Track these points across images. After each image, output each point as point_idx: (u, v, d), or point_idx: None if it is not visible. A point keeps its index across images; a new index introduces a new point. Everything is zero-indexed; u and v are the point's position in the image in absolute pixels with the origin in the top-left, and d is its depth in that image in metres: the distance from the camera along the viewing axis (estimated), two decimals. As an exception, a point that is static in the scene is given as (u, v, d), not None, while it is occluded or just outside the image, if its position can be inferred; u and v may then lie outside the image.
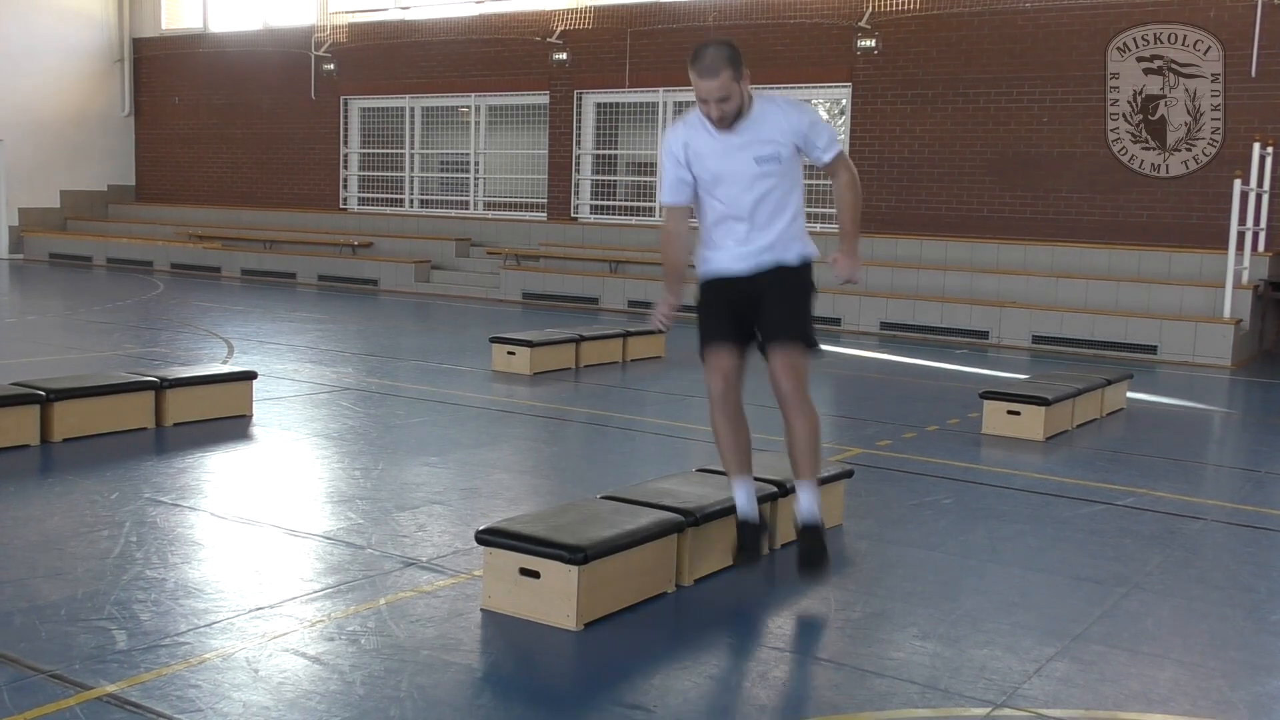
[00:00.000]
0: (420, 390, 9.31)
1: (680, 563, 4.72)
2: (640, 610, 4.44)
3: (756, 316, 4.63)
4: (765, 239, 4.57)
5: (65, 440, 6.95)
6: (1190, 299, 13.61)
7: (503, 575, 4.31)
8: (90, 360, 10.12)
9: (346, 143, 21.56)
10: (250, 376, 8.13)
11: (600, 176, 19.13)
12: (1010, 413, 8.13)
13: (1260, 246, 13.94)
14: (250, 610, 4.27)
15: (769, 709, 3.68)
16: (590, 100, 18.97)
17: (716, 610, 4.51)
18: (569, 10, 18.74)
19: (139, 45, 24.06)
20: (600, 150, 19.07)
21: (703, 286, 4.72)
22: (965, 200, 15.79)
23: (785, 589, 4.71)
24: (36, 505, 5.66)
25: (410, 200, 21.11)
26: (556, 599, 4.20)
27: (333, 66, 21.15)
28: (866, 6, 16.18)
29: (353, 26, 21.10)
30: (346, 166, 21.65)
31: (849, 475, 5.67)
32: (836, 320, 14.88)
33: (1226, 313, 13.07)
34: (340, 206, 21.66)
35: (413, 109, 20.85)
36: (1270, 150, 13.58)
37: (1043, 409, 8.01)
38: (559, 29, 18.74)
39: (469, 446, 7.34)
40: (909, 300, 14.67)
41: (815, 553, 4.58)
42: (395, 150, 21.13)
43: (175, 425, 7.51)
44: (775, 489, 5.10)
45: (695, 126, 4.57)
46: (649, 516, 4.57)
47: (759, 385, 4.91)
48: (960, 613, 4.55)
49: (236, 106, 22.75)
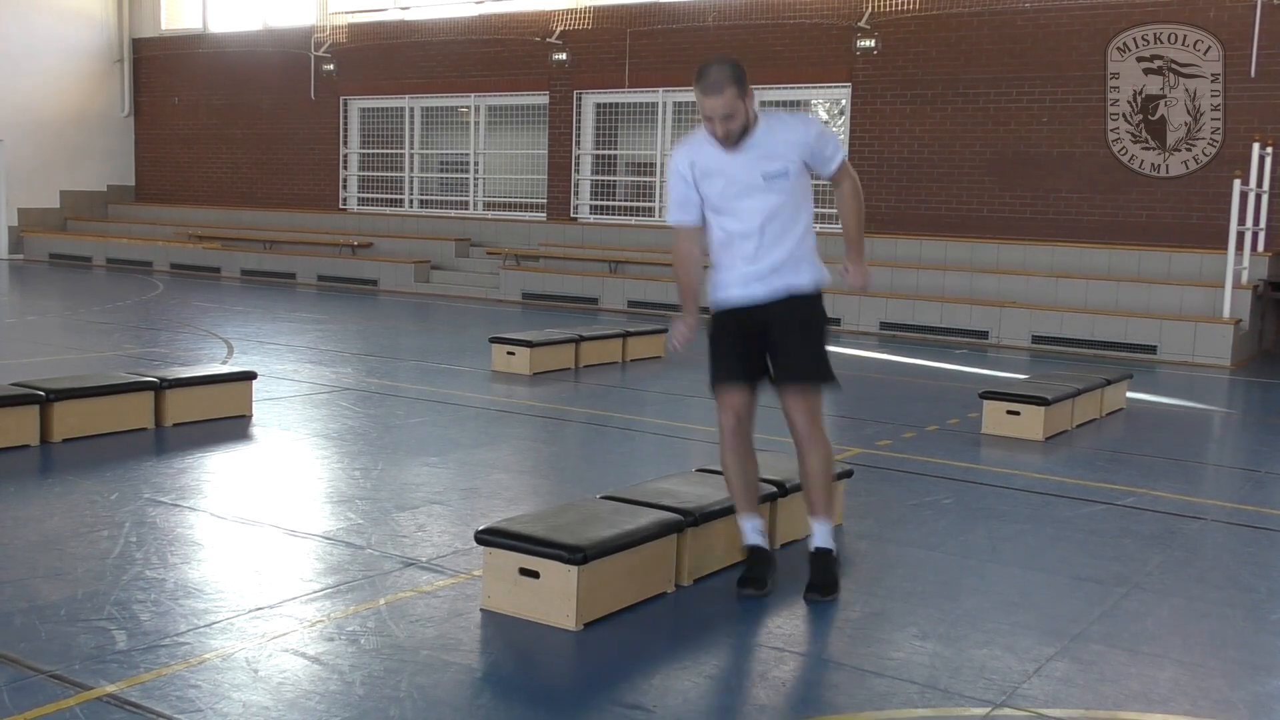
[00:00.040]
0: (420, 390, 9.31)
1: (680, 563, 4.72)
2: (640, 610, 4.44)
3: (769, 349, 4.59)
4: (775, 257, 4.51)
5: (65, 440, 6.95)
6: (1190, 299, 13.62)
7: (502, 575, 4.31)
8: (90, 360, 10.12)
9: (346, 143, 21.57)
10: (250, 377, 8.14)
11: (600, 177, 19.14)
12: (1010, 413, 8.14)
13: (1260, 246, 13.95)
14: (250, 610, 4.27)
15: (769, 709, 3.68)
16: (590, 100, 18.98)
17: (716, 610, 4.51)
18: (569, 10, 18.74)
19: (139, 45, 24.07)
20: (600, 150, 19.07)
21: (714, 317, 4.65)
22: (965, 200, 15.79)
23: (785, 589, 4.71)
24: (36, 505, 5.66)
25: (410, 200, 21.12)
26: (556, 599, 4.20)
27: (332, 67, 21.16)
28: (866, 6, 16.19)
29: (352, 27, 21.11)
30: (346, 167, 21.66)
31: (849, 475, 5.67)
32: (836, 320, 14.86)
33: (1226, 313, 13.08)
34: (340, 207, 21.67)
35: (412, 109, 20.86)
36: (1270, 150, 13.58)
37: (1042, 409, 8.01)
38: (559, 29, 18.74)
39: (469, 446, 7.34)
40: (909, 300, 14.68)
41: (827, 583, 4.63)
42: (395, 150, 21.14)
43: (175, 425, 7.51)
44: (775, 489, 5.10)
45: (701, 145, 4.53)
46: (648, 516, 4.57)
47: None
48: (960, 612, 4.55)
49: (236, 107, 22.76)
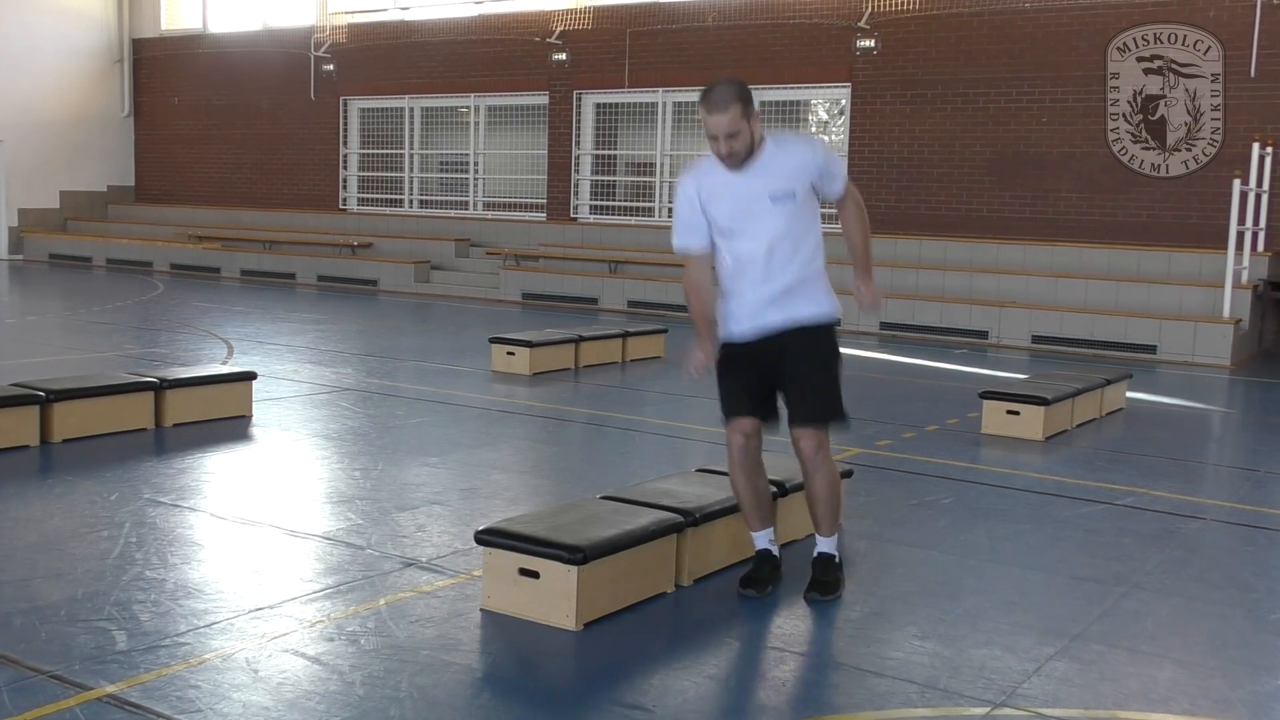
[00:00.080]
0: (420, 391, 9.31)
1: (680, 563, 4.72)
2: (640, 610, 4.44)
3: (781, 383, 4.56)
4: (784, 280, 4.49)
5: (65, 441, 6.96)
6: (1190, 299, 13.62)
7: (502, 575, 4.32)
8: (90, 361, 10.12)
9: (346, 143, 21.57)
10: (250, 377, 8.14)
11: (599, 177, 19.14)
12: (1010, 412, 8.14)
13: (1260, 246, 13.94)
14: (250, 611, 4.27)
15: (768, 709, 3.69)
16: (589, 100, 18.98)
17: (716, 610, 4.52)
18: (568, 11, 18.74)
19: (139, 46, 24.07)
20: (599, 150, 19.07)
21: (724, 349, 4.60)
22: (965, 200, 15.79)
23: (785, 589, 4.71)
24: (36, 506, 5.66)
25: (410, 201, 21.12)
26: (556, 599, 4.20)
27: (332, 67, 21.16)
28: (866, 7, 16.19)
29: (352, 27, 21.11)
30: (346, 167, 21.66)
31: (848, 475, 5.67)
32: (836, 320, 14.83)
33: (1226, 312, 13.08)
34: (340, 207, 21.66)
35: (412, 109, 20.86)
36: (1270, 150, 13.58)
37: (1042, 409, 8.01)
38: (558, 29, 18.74)
39: (468, 447, 7.34)
40: (908, 300, 14.67)
41: (827, 584, 4.64)
42: (395, 151, 21.13)
43: (175, 426, 7.52)
44: (775, 489, 5.10)
45: (708, 169, 4.51)
46: (648, 517, 4.57)
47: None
48: (959, 612, 4.55)
49: (236, 107, 22.76)
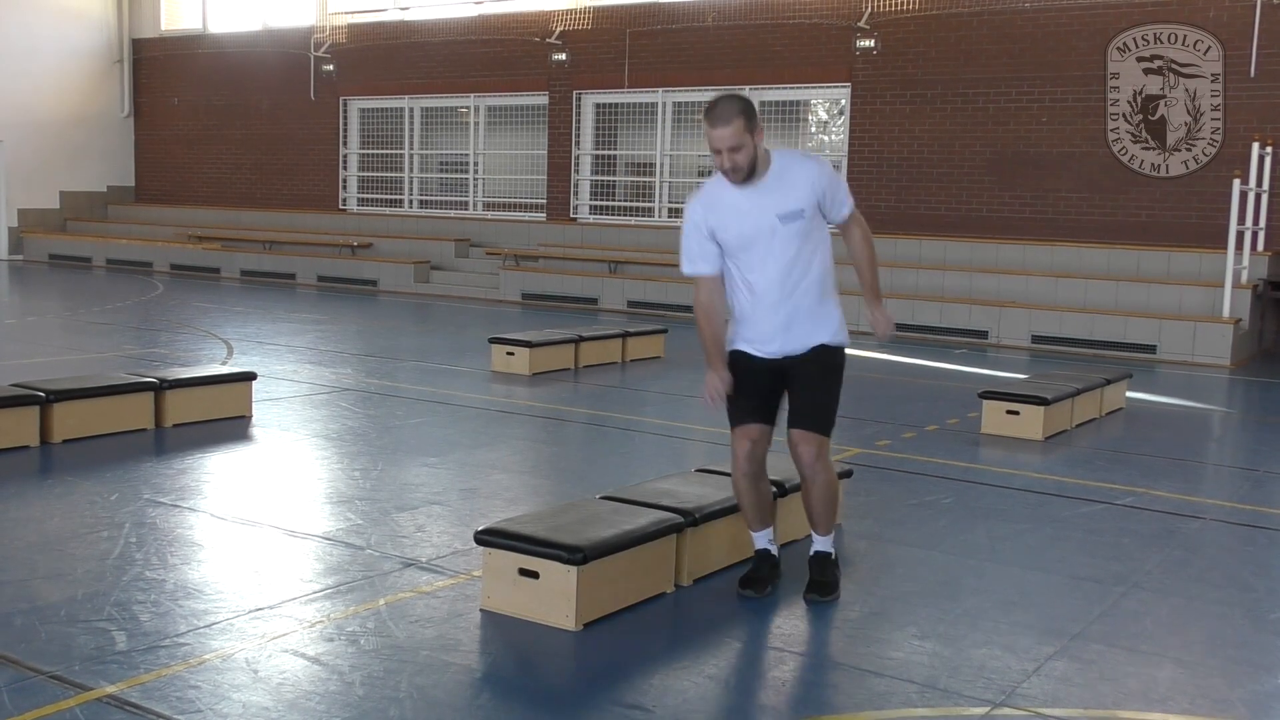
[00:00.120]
0: (419, 391, 9.32)
1: (679, 563, 4.72)
2: (639, 610, 4.44)
3: (786, 391, 4.58)
4: (795, 303, 4.47)
5: (65, 441, 6.96)
6: (1189, 298, 13.62)
7: (502, 576, 4.32)
8: (90, 361, 10.12)
9: (346, 143, 21.57)
10: (249, 377, 8.14)
11: (599, 177, 19.14)
12: (1009, 412, 8.14)
13: (1259, 246, 13.95)
14: (250, 611, 4.27)
15: (768, 709, 3.69)
16: (589, 101, 18.98)
17: (715, 610, 4.52)
18: (568, 11, 18.74)
19: (138, 46, 24.07)
20: (599, 151, 19.07)
21: (732, 355, 4.59)
22: (965, 200, 15.79)
23: (785, 590, 4.71)
24: (36, 506, 5.67)
25: (409, 201, 21.12)
26: (556, 599, 4.20)
27: (332, 67, 21.16)
28: (866, 7, 16.19)
29: (352, 27, 21.11)
30: (346, 167, 21.66)
31: (848, 475, 5.68)
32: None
33: (1226, 312, 13.08)
34: (339, 207, 21.66)
35: (412, 109, 20.86)
36: (1270, 150, 13.58)
37: (1042, 409, 8.01)
38: (558, 29, 18.75)
39: (468, 447, 7.34)
40: (908, 300, 14.66)
41: (826, 584, 4.65)
42: (394, 151, 21.13)
43: (175, 426, 7.52)
44: (775, 489, 5.09)
45: (715, 190, 4.49)
46: (648, 517, 4.58)
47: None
48: (959, 612, 4.55)
49: (236, 107, 22.75)
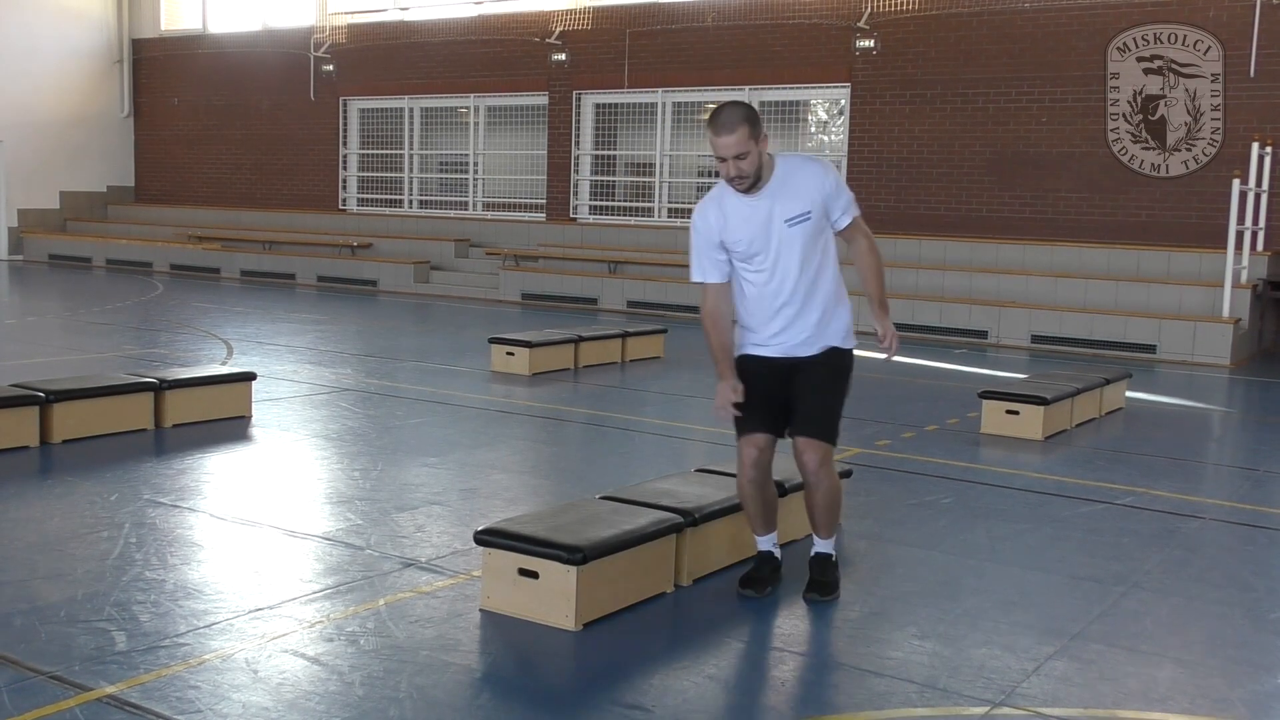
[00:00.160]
0: (419, 391, 9.32)
1: (679, 563, 4.72)
2: (639, 610, 4.44)
3: (791, 397, 4.56)
4: (803, 310, 4.46)
5: (65, 442, 6.96)
6: (1189, 298, 13.62)
7: (502, 576, 4.32)
8: (90, 361, 10.12)
9: (346, 143, 21.57)
10: (249, 378, 8.14)
11: (599, 177, 19.14)
12: (1009, 412, 8.14)
13: (1259, 246, 13.95)
14: (249, 611, 4.27)
15: (768, 709, 3.69)
16: (589, 101, 18.98)
17: (715, 610, 4.52)
18: (568, 11, 18.75)
19: (138, 46, 24.07)
20: (599, 151, 19.07)
21: (740, 359, 4.58)
22: (964, 200, 15.79)
23: (785, 589, 4.71)
24: (36, 507, 5.67)
25: (409, 201, 21.12)
26: (555, 599, 4.20)
27: (332, 67, 21.16)
28: (865, 7, 16.19)
29: (352, 27, 21.11)
30: (346, 167, 21.66)
31: (848, 475, 5.67)
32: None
33: (1225, 312, 13.08)
34: (339, 207, 21.67)
35: (412, 110, 20.86)
36: (1269, 150, 13.59)
37: (1041, 408, 8.01)
38: (558, 30, 18.75)
39: (468, 447, 7.34)
40: (908, 300, 14.65)
41: (826, 584, 4.65)
42: (394, 151, 21.13)
43: (174, 426, 7.52)
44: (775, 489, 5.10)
45: (721, 197, 4.48)
46: (648, 517, 4.58)
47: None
48: (959, 612, 4.55)
49: (236, 107, 22.75)
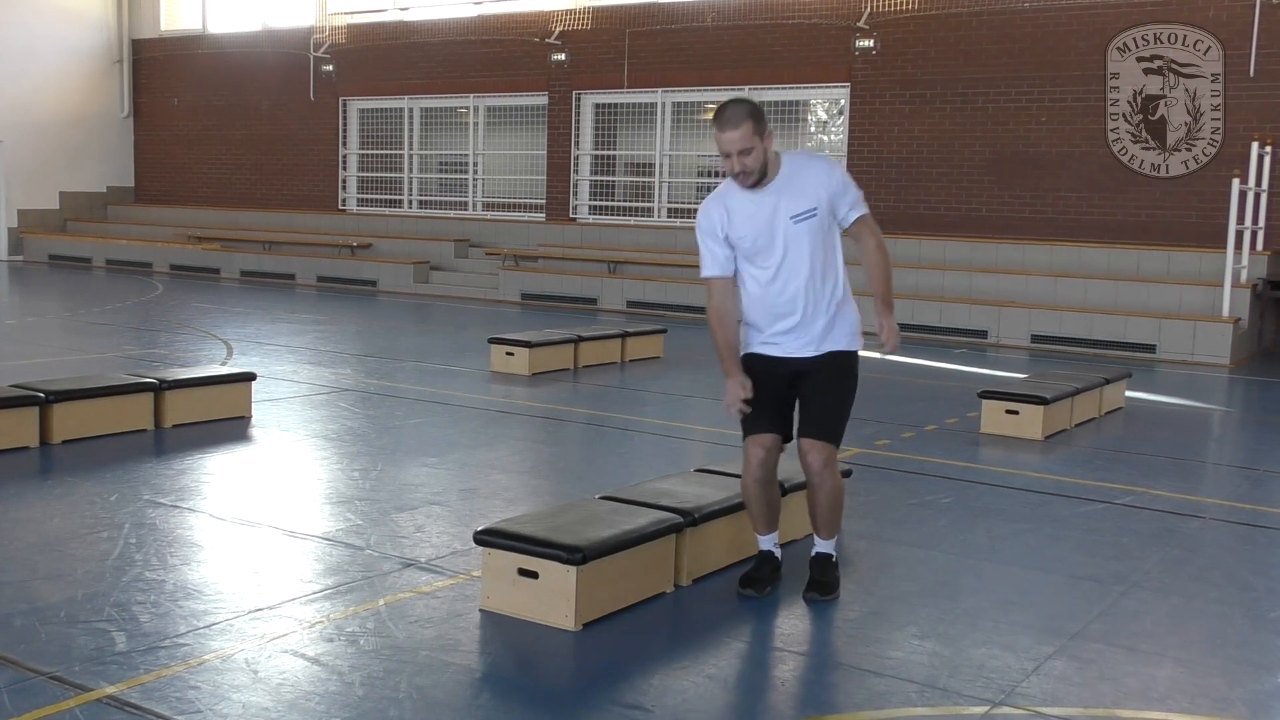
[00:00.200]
0: (419, 391, 9.32)
1: (679, 563, 4.72)
2: (639, 610, 4.44)
3: (797, 398, 4.56)
4: (810, 304, 4.45)
5: (65, 442, 6.96)
6: (1189, 298, 13.62)
7: (501, 576, 4.32)
8: (89, 362, 10.12)
9: (345, 144, 21.57)
10: (249, 378, 8.14)
11: (599, 177, 19.14)
12: (1009, 412, 8.14)
13: (1259, 245, 13.95)
14: (249, 611, 4.27)
15: (767, 708, 3.69)
16: (589, 101, 18.98)
17: (715, 610, 4.52)
18: (567, 11, 18.75)
19: (138, 46, 24.07)
20: (599, 151, 19.07)
21: (747, 358, 4.58)
22: (964, 200, 15.79)
23: (784, 589, 4.71)
24: (36, 507, 5.67)
25: (409, 201, 21.12)
26: (555, 599, 4.20)
27: (332, 68, 21.16)
28: (865, 7, 16.19)
29: (352, 28, 21.11)
30: (345, 167, 21.66)
31: (847, 475, 5.67)
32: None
33: (1225, 311, 13.08)
34: (339, 207, 21.66)
35: (411, 110, 20.86)
36: (1269, 149, 13.59)
37: (1041, 408, 8.01)
38: (557, 30, 18.75)
39: (467, 447, 7.34)
40: (907, 300, 14.63)
41: (826, 584, 4.65)
42: (394, 151, 21.14)
43: (174, 427, 7.52)
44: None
45: (727, 193, 4.48)
46: (647, 517, 4.58)
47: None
48: (959, 611, 4.55)
49: (235, 108, 22.76)
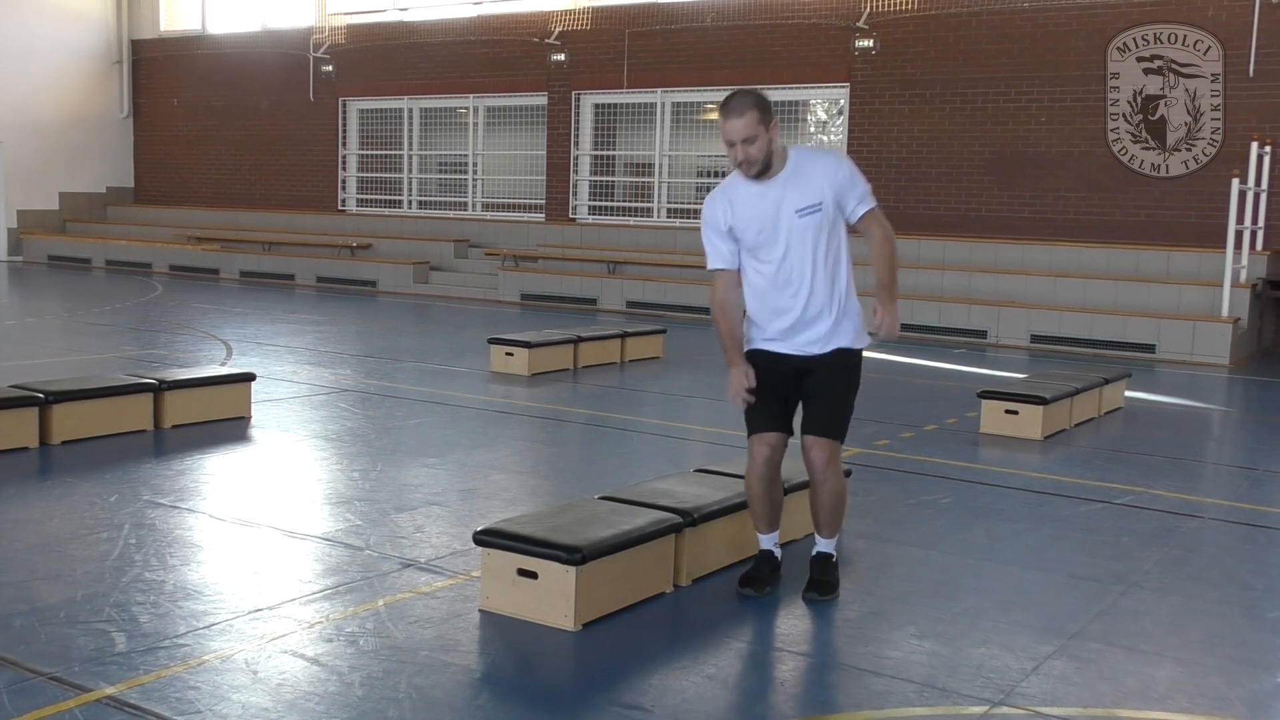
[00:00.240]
0: (419, 391, 9.32)
1: (678, 563, 4.72)
2: (638, 610, 4.45)
3: (801, 395, 4.56)
4: (813, 300, 4.44)
5: (64, 443, 6.96)
6: (1189, 298, 13.62)
7: (501, 576, 4.32)
8: (89, 362, 10.12)
9: (345, 144, 21.57)
10: (249, 378, 8.14)
11: (598, 177, 19.14)
12: (1008, 412, 8.14)
13: (1258, 245, 13.96)
14: (249, 612, 4.27)
15: (767, 708, 3.69)
16: (588, 101, 18.98)
17: (714, 610, 4.52)
18: (567, 11, 18.75)
19: (138, 47, 24.07)
20: (598, 151, 19.08)
21: (750, 355, 4.57)
22: (964, 200, 15.80)
23: (784, 589, 4.71)
24: (36, 508, 5.67)
25: (409, 201, 21.12)
26: (555, 599, 4.20)
27: (331, 68, 21.16)
28: (864, 7, 16.19)
29: (351, 28, 21.11)
30: (345, 168, 21.66)
31: (847, 475, 5.67)
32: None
33: (1225, 311, 13.08)
34: (339, 208, 21.67)
35: (411, 110, 20.86)
36: (1269, 149, 13.59)
37: (1041, 408, 8.01)
38: (557, 30, 18.75)
39: (467, 448, 7.34)
40: (907, 300, 14.60)
41: (825, 584, 4.65)
42: (394, 151, 21.14)
43: (174, 427, 7.52)
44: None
45: (732, 186, 4.47)
46: (647, 517, 4.58)
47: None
48: (958, 611, 4.56)
49: (235, 108, 22.76)
